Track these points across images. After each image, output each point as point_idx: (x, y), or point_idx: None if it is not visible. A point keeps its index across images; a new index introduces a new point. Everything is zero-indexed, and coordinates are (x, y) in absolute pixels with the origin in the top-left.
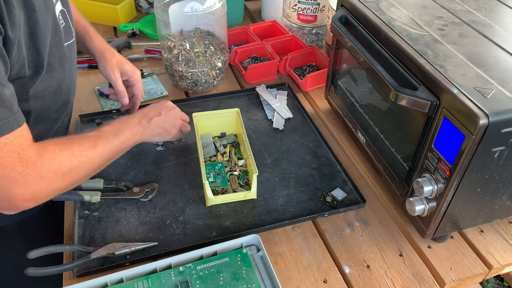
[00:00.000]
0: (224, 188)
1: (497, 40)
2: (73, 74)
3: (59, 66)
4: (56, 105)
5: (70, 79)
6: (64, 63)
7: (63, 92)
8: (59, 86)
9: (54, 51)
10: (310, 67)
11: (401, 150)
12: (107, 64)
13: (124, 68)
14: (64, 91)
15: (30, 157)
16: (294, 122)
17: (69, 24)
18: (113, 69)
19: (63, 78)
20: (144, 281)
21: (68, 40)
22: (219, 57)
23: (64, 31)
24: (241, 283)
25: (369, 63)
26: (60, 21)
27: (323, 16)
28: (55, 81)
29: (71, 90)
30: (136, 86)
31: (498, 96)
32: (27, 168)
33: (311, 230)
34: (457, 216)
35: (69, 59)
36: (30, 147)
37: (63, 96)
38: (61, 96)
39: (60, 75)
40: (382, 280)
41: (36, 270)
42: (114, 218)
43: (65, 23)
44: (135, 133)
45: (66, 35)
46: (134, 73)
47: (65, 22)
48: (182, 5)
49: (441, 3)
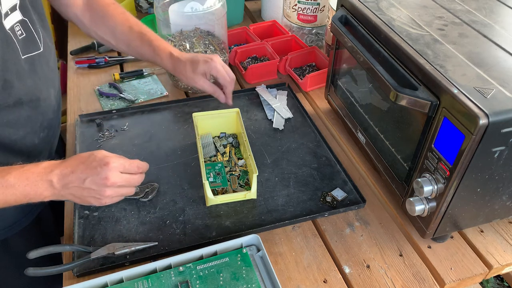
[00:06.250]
0: (224, 188)
1: (497, 40)
2: (42, 88)
3: (17, 82)
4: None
5: (36, 92)
6: (23, 77)
7: (26, 107)
8: (19, 102)
9: (10, 65)
10: (310, 67)
11: (401, 150)
12: (188, 73)
13: (201, 68)
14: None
15: None
16: (294, 122)
17: (33, 35)
18: (194, 76)
19: (25, 93)
20: (144, 281)
21: (30, 52)
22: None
23: (24, 42)
24: (241, 283)
25: (369, 63)
26: (17, 32)
27: (323, 16)
28: (13, 98)
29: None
30: (219, 75)
31: (498, 96)
32: None
33: (311, 230)
34: (457, 216)
35: (33, 72)
36: None
37: (27, 111)
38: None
39: (20, 91)
40: (382, 280)
41: (36, 270)
42: (114, 218)
43: (26, 34)
44: (39, 192)
45: (27, 46)
46: (212, 64)
47: (26, 32)
48: (182, 5)
49: (441, 3)
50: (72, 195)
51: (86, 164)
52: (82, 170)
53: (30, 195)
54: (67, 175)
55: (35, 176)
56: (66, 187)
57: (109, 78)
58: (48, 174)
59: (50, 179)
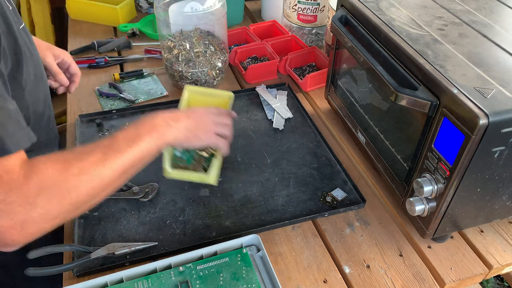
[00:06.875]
0: (188, 166)
1: (497, 40)
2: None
3: (26, 50)
4: (41, 95)
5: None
6: (28, 46)
7: (39, 78)
8: (36, 71)
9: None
10: (310, 67)
11: (401, 150)
12: (38, 48)
13: (55, 51)
14: (39, 77)
15: (14, 180)
16: (294, 122)
17: (15, 8)
18: (44, 52)
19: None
20: (144, 281)
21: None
22: (219, 57)
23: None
24: (241, 283)
25: (369, 63)
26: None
27: (323, 16)
28: (31, 66)
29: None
30: (72, 65)
31: (498, 96)
32: (11, 194)
33: (311, 230)
34: (457, 216)
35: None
36: (16, 167)
37: (43, 83)
38: (42, 83)
39: (30, 60)
40: (382, 280)
41: (36, 270)
42: (114, 218)
43: (12, 7)
44: (157, 137)
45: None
46: (65, 55)
47: (11, 5)
48: (182, 5)
49: (441, 3)
50: (186, 128)
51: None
52: (183, 111)
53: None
54: (175, 115)
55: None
56: (178, 122)
57: (109, 78)
58: (155, 119)
59: (164, 121)
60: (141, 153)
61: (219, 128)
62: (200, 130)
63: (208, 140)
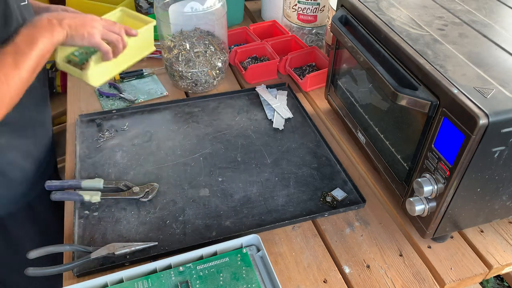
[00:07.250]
0: (80, 65)
1: (497, 40)
2: None
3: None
4: None
5: None
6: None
7: None
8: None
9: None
10: (310, 67)
11: (401, 150)
12: None
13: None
14: None
15: None
16: (294, 122)
17: None
18: None
19: None
20: (144, 281)
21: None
22: (219, 57)
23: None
24: (241, 283)
25: (369, 63)
26: None
27: (323, 16)
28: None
29: None
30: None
31: (498, 96)
32: None
33: (311, 230)
34: (457, 216)
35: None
36: None
37: None
38: None
39: None
40: (382, 280)
41: (36, 270)
42: (114, 218)
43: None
44: (49, 36)
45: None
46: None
47: None
48: (182, 5)
49: (441, 3)
50: (71, 25)
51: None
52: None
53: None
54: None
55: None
56: (62, 20)
57: None
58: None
59: (48, 19)
60: (41, 52)
61: (106, 34)
62: (84, 30)
63: (90, 40)
